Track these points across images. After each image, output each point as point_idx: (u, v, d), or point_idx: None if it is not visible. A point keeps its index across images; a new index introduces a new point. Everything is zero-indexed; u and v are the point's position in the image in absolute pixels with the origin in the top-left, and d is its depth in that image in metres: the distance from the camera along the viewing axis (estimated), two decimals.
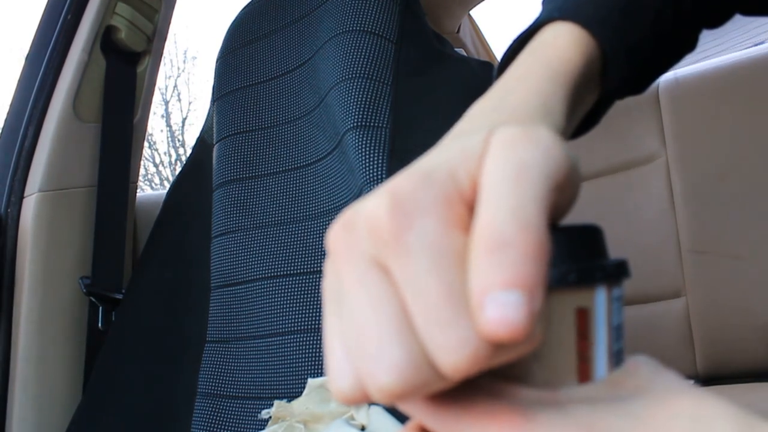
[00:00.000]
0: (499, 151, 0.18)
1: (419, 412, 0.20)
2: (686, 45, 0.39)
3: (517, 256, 0.16)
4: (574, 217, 0.22)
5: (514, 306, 0.15)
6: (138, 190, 1.20)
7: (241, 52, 1.06)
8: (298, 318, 0.86)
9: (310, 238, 0.88)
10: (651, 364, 0.21)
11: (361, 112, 0.82)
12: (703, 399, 0.19)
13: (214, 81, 1.08)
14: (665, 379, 0.20)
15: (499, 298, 0.15)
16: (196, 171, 1.08)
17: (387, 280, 0.17)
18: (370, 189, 0.78)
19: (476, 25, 1.83)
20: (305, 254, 0.88)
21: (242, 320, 0.91)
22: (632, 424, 0.18)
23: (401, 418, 0.71)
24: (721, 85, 1.24)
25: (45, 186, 1.03)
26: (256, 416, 0.84)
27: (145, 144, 1.30)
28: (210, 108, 1.10)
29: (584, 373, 0.20)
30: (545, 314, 0.20)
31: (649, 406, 0.19)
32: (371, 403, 0.74)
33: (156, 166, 9.04)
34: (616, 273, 0.21)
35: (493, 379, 0.20)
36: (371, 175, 0.78)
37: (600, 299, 0.21)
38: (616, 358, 0.21)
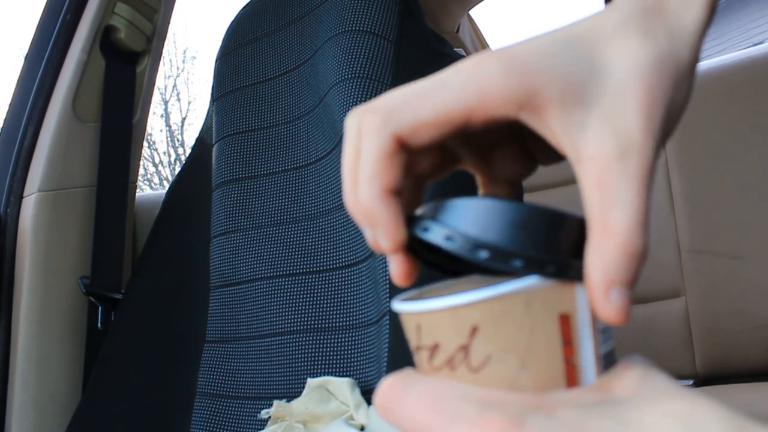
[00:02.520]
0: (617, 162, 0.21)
1: (408, 421, 0.20)
2: None
3: (642, 261, 0.21)
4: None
5: (628, 297, 0.21)
6: (137, 190, 1.20)
7: (240, 52, 1.06)
8: (297, 318, 0.86)
9: (309, 238, 0.88)
10: (643, 365, 0.21)
11: None
12: (696, 401, 0.19)
13: (214, 81, 1.08)
14: (656, 380, 0.20)
15: (624, 292, 0.20)
16: (195, 171, 1.08)
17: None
18: None
19: (476, 25, 1.83)
20: (305, 254, 0.88)
21: (242, 320, 0.91)
22: (622, 427, 0.18)
23: None
24: (721, 85, 1.24)
25: (44, 186, 1.03)
26: (256, 416, 0.84)
27: (145, 144, 1.30)
28: (209, 108, 1.10)
29: (572, 379, 0.20)
30: (528, 322, 0.20)
31: (640, 408, 0.19)
32: (370, 403, 0.74)
33: (155, 165, 9.04)
34: None
35: (481, 387, 0.20)
36: None
37: (582, 304, 0.21)
38: (605, 361, 0.21)
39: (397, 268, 0.24)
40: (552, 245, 0.21)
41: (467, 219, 0.21)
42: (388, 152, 0.22)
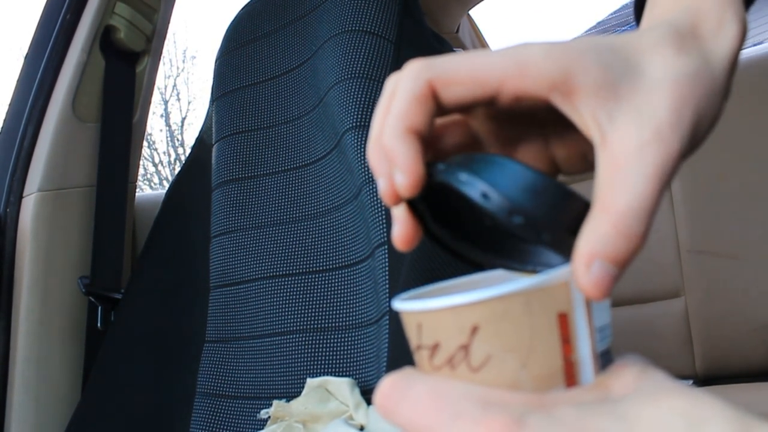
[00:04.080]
0: (636, 154, 0.22)
1: (409, 421, 0.20)
2: None
3: (634, 245, 0.21)
4: None
5: (610, 275, 0.21)
6: (137, 190, 1.20)
7: (240, 52, 1.06)
8: (296, 318, 0.86)
9: (308, 238, 0.88)
10: (640, 363, 0.21)
11: (360, 112, 0.82)
12: (696, 397, 0.19)
13: (214, 81, 1.08)
14: (654, 378, 0.20)
15: (606, 267, 0.21)
16: (195, 171, 1.08)
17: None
18: (370, 189, 0.78)
19: (475, 25, 1.83)
20: (304, 254, 0.88)
21: (241, 320, 0.91)
22: (622, 424, 0.18)
23: None
24: None
25: (44, 186, 1.03)
26: (255, 416, 0.84)
27: (145, 143, 1.30)
28: (209, 108, 1.10)
29: (571, 377, 0.21)
30: (527, 322, 0.20)
31: (638, 405, 0.19)
32: (370, 403, 0.74)
33: (155, 165, 9.04)
34: None
35: (481, 387, 0.20)
36: (370, 175, 0.78)
37: (578, 302, 0.21)
38: (603, 359, 0.21)
39: (401, 230, 0.24)
40: (554, 216, 0.21)
41: (483, 170, 0.22)
42: (419, 95, 0.23)
